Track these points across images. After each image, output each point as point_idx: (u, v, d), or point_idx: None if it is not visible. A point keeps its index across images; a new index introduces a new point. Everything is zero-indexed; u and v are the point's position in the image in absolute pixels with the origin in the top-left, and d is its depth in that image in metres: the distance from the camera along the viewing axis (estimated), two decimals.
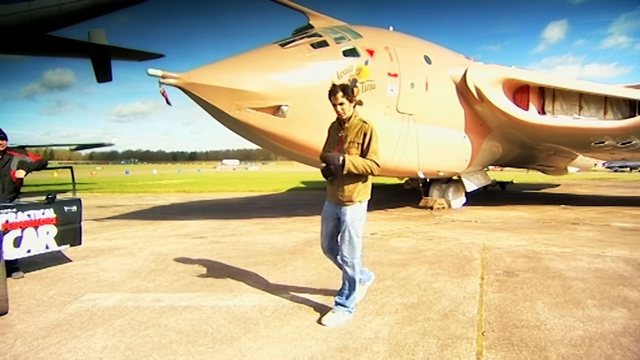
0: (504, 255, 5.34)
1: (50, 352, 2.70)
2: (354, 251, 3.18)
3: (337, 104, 3.11)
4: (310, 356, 2.64)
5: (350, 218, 3.16)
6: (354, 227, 3.17)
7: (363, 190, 3.22)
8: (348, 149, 3.12)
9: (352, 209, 3.18)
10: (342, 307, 3.20)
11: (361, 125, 3.14)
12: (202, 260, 5.18)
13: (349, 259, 3.17)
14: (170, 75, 5.75)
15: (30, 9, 7.56)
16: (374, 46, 7.28)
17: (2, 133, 4.42)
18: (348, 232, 3.15)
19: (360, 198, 3.20)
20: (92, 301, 3.67)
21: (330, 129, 3.37)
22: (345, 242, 3.17)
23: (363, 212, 3.26)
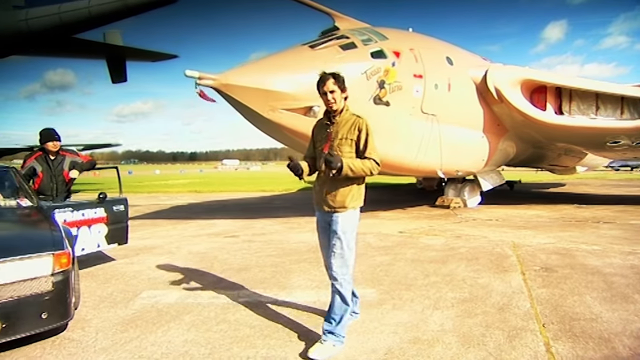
0: (536, 252, 5.47)
1: (134, 345, 2.81)
2: (345, 265, 2.76)
3: (328, 92, 2.74)
4: (387, 347, 2.76)
5: (342, 227, 2.75)
6: (346, 237, 2.76)
7: (357, 194, 2.83)
8: (339, 146, 2.75)
9: (344, 217, 2.77)
10: (331, 336, 2.71)
11: (354, 119, 2.78)
12: (243, 258, 5.29)
13: (339, 275, 2.73)
14: (207, 77, 5.86)
15: (60, 11, 7.63)
16: (399, 48, 7.41)
17: (57, 134, 4.52)
18: (339, 243, 2.75)
19: (354, 204, 2.80)
20: (152, 298, 3.78)
21: (314, 128, 2.99)
22: (335, 255, 2.74)
23: (357, 220, 2.86)
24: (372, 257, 5.29)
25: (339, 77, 2.80)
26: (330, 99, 2.75)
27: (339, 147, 2.75)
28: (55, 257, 2.79)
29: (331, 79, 2.74)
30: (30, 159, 4.51)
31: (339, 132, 2.76)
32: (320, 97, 2.81)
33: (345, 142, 2.75)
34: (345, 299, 2.76)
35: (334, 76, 2.77)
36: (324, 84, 2.75)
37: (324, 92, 2.76)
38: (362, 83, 6.77)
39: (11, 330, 2.56)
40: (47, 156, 4.52)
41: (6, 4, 8.00)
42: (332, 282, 2.77)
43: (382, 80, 7.03)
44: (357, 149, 2.77)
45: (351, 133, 2.75)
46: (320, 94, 2.80)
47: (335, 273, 2.74)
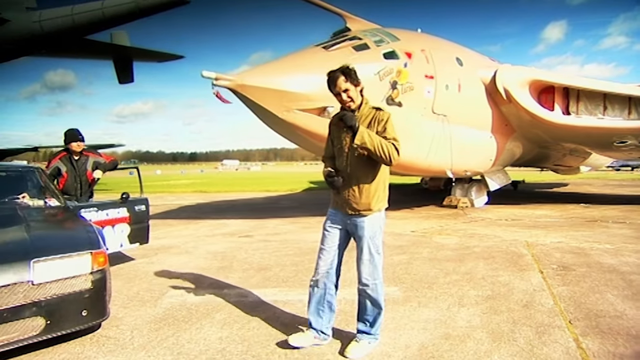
0: (550, 251, 5.53)
1: (171, 343, 2.86)
2: (377, 271, 2.61)
3: (342, 92, 2.51)
4: (420, 343, 2.82)
5: (370, 232, 2.57)
6: (375, 242, 2.60)
7: (383, 194, 2.65)
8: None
9: (371, 221, 2.58)
10: (366, 335, 2.67)
11: (375, 113, 2.57)
12: (262, 258, 5.34)
13: (370, 281, 2.60)
14: (223, 78, 5.91)
15: (73, 13, 7.68)
16: (411, 49, 7.48)
17: (80, 135, 4.57)
18: (368, 249, 2.57)
19: (379, 205, 2.62)
20: (179, 297, 3.83)
21: (331, 124, 2.76)
22: (365, 262, 2.58)
23: (383, 223, 2.69)
24: (390, 256, 5.33)
25: (350, 71, 2.53)
26: (345, 98, 2.53)
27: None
28: (93, 255, 2.85)
29: (341, 77, 2.50)
30: (55, 159, 4.56)
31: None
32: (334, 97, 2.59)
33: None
34: (378, 302, 2.64)
35: (344, 72, 2.51)
36: (335, 84, 2.52)
37: (336, 92, 2.54)
38: (375, 84, 6.83)
39: (55, 327, 2.61)
40: (71, 156, 4.57)
41: (19, 6, 8.05)
42: (362, 288, 2.63)
43: (394, 81, 7.09)
44: None
45: (373, 127, 2.54)
46: (333, 94, 2.58)
47: (367, 280, 2.60)
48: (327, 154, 2.82)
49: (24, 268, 2.53)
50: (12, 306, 2.45)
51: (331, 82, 2.55)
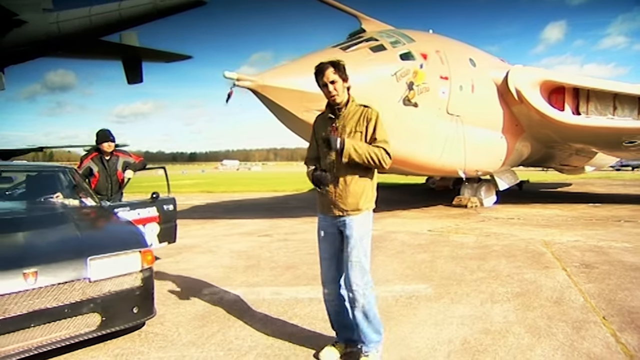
0: (569, 249, 5.62)
1: (219, 339, 2.93)
2: (366, 275, 2.47)
3: (328, 83, 2.41)
4: (463, 337, 2.90)
5: (358, 233, 2.45)
6: (363, 244, 2.48)
7: (371, 194, 2.54)
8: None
9: (359, 221, 2.47)
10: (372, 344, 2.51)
11: (362, 110, 2.48)
12: (286, 256, 5.41)
13: (360, 287, 2.43)
14: (245, 78, 5.98)
15: (91, 14, 7.73)
16: (426, 50, 7.56)
17: (111, 135, 4.63)
18: (356, 251, 2.44)
19: (367, 205, 2.51)
20: (214, 295, 3.90)
21: (315, 124, 2.67)
22: (353, 265, 2.44)
23: (371, 223, 2.57)
24: (412, 255, 5.42)
25: (339, 65, 2.47)
26: (331, 89, 2.43)
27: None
28: (142, 254, 2.92)
29: (330, 68, 2.43)
30: (87, 159, 4.62)
31: (347, 126, 2.46)
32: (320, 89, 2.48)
33: (355, 137, 2.45)
34: (370, 310, 2.46)
35: (333, 65, 2.46)
36: (323, 74, 2.44)
37: (323, 83, 2.45)
38: (392, 84, 6.91)
39: (109, 324, 2.68)
40: (102, 156, 4.64)
41: (36, 7, 8.10)
42: (352, 296, 2.45)
43: (410, 81, 7.17)
44: (366, 141, 2.45)
45: (360, 125, 2.45)
46: (319, 86, 2.49)
47: (357, 285, 2.43)
48: (310, 154, 2.70)
49: (81, 265, 2.60)
50: (72, 302, 2.52)
51: (319, 72, 2.47)
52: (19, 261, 2.43)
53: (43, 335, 2.43)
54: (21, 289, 2.35)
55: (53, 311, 2.45)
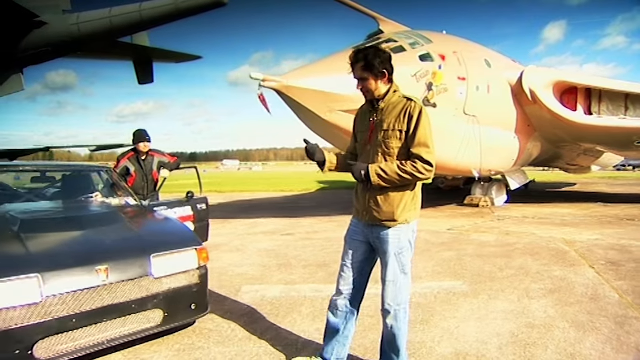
0: (591, 248, 5.71)
1: (273, 334, 3.01)
2: (401, 295, 2.21)
3: (359, 79, 2.16)
4: (510, 332, 2.99)
5: (395, 247, 2.17)
6: (401, 260, 2.18)
7: (412, 203, 2.20)
8: (385, 140, 2.13)
9: (396, 233, 2.16)
10: None
11: (405, 103, 2.13)
12: (315, 255, 5.48)
13: (392, 307, 2.19)
14: (270, 79, 6.06)
15: (111, 15, 7.76)
16: (444, 51, 7.65)
17: (148, 136, 4.71)
18: (392, 268, 2.18)
19: (407, 215, 2.17)
20: (256, 292, 3.97)
21: (357, 115, 2.39)
22: (388, 283, 2.19)
23: (413, 237, 2.25)
24: (438, 253, 5.51)
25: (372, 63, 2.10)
26: (361, 87, 2.17)
27: (385, 142, 2.13)
28: (198, 251, 3.00)
29: (361, 62, 2.11)
30: (124, 159, 4.70)
31: (384, 122, 2.14)
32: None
33: (393, 135, 2.12)
34: (399, 335, 2.22)
35: (366, 59, 2.10)
36: (353, 68, 2.17)
37: (356, 77, 2.18)
38: (413, 85, 6.99)
39: (171, 319, 2.76)
40: (138, 156, 4.71)
41: (56, 9, 8.14)
42: (384, 316, 2.24)
43: (430, 82, 7.27)
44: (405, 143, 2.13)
45: (400, 122, 2.11)
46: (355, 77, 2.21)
47: (388, 306, 2.19)
48: (349, 149, 2.45)
49: (145, 263, 2.68)
50: (138, 298, 2.60)
51: (352, 64, 2.18)
52: (91, 258, 2.51)
53: (113, 330, 2.51)
54: (94, 284, 2.43)
55: (122, 306, 2.52)
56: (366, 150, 2.22)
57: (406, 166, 2.08)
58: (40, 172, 4.31)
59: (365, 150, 2.23)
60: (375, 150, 2.17)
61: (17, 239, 2.58)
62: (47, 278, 2.29)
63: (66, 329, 2.32)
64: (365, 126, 2.25)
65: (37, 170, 4.37)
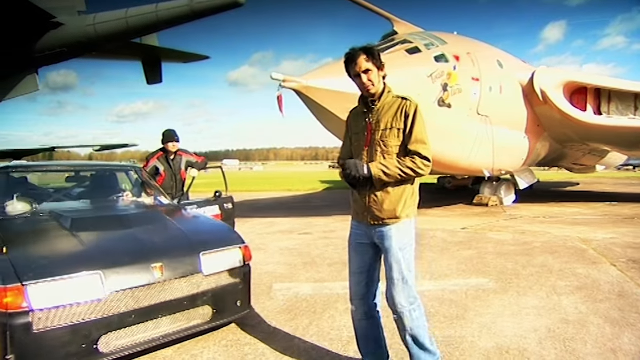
0: (609, 246, 5.80)
1: (315, 330, 3.08)
2: (412, 291, 2.16)
3: (361, 73, 2.14)
4: (546, 327, 3.07)
5: (398, 243, 2.16)
6: (405, 256, 2.17)
7: (411, 200, 2.22)
8: (383, 139, 2.16)
9: (399, 230, 2.17)
10: None
11: (400, 103, 2.18)
12: (337, 253, 5.54)
13: (406, 307, 2.14)
14: (290, 80, 6.13)
15: (127, 16, 7.80)
16: (458, 52, 7.74)
17: (177, 136, 4.78)
18: (397, 265, 2.15)
19: (408, 212, 2.20)
20: (288, 290, 4.04)
21: (349, 119, 2.42)
22: (395, 282, 2.15)
23: (413, 233, 2.25)
24: (458, 251, 5.59)
25: (373, 51, 2.19)
26: (365, 81, 2.16)
27: (383, 141, 2.16)
28: (242, 249, 3.07)
29: (363, 56, 2.15)
30: (153, 158, 4.77)
31: (381, 121, 2.18)
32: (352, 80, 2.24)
33: (391, 133, 2.16)
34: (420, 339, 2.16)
35: (365, 51, 2.17)
36: (355, 63, 2.16)
37: (356, 73, 2.18)
38: (428, 86, 7.08)
39: (219, 316, 2.83)
40: (167, 156, 4.78)
41: (71, 10, 8.19)
42: (398, 319, 2.18)
43: (445, 83, 7.35)
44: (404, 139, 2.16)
45: (397, 121, 2.16)
46: (352, 77, 2.24)
47: (402, 306, 2.13)
48: (344, 154, 2.40)
49: (195, 260, 2.75)
50: (189, 295, 2.67)
51: (350, 60, 2.19)
52: (146, 256, 2.58)
53: (167, 326, 2.57)
54: (150, 281, 2.49)
55: (175, 303, 2.59)
56: (365, 151, 2.22)
57: (406, 161, 2.12)
58: (75, 172, 4.37)
59: (364, 151, 2.22)
60: (374, 149, 2.19)
61: (73, 238, 2.64)
62: (108, 275, 2.36)
63: (126, 324, 2.39)
64: (360, 128, 2.27)
65: (69, 170, 4.42)
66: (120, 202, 3.86)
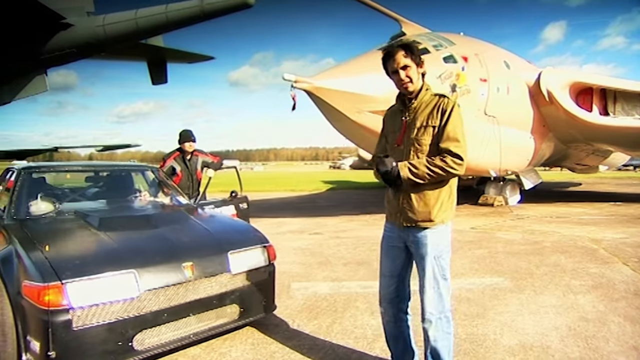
0: (619, 245, 5.84)
1: (340, 329, 3.12)
2: (442, 301, 2.10)
3: (400, 69, 2.08)
4: (567, 325, 3.11)
5: (433, 251, 2.08)
6: (440, 263, 2.10)
7: (448, 202, 2.13)
8: (418, 138, 2.09)
9: (434, 235, 2.09)
10: None
11: (437, 100, 2.12)
12: (350, 253, 5.60)
13: (434, 316, 2.09)
14: (302, 80, 6.18)
15: (137, 17, 7.83)
16: (466, 53, 7.78)
17: (193, 136, 4.81)
18: (431, 274, 2.09)
19: (444, 215, 2.11)
20: (306, 289, 4.08)
21: (385, 117, 2.38)
22: (427, 290, 2.10)
23: (449, 238, 2.17)
24: (470, 251, 5.63)
25: (412, 47, 2.12)
26: (403, 77, 2.09)
27: (417, 140, 2.09)
28: (267, 249, 3.10)
29: (401, 52, 2.08)
30: (170, 158, 4.81)
31: (417, 120, 2.11)
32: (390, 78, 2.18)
33: (426, 132, 2.09)
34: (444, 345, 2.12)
35: (404, 47, 2.10)
36: (393, 59, 2.10)
37: (393, 69, 2.12)
38: (437, 87, 7.11)
39: (246, 315, 2.87)
40: (184, 156, 4.82)
41: (80, 10, 8.23)
42: (425, 326, 2.13)
43: (454, 84, 7.40)
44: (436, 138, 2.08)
45: (433, 118, 2.08)
46: (389, 73, 2.17)
47: (430, 314, 2.09)
48: (378, 151, 2.34)
49: (224, 259, 2.79)
50: (218, 294, 2.70)
51: (389, 56, 2.13)
52: (176, 255, 2.62)
53: (197, 324, 2.61)
54: (181, 280, 2.53)
55: (205, 301, 2.63)
56: (398, 150, 2.17)
57: (435, 160, 2.03)
58: (94, 172, 4.40)
59: (398, 150, 2.17)
60: (407, 148, 2.13)
61: (104, 237, 2.68)
62: (142, 274, 2.39)
63: (158, 322, 2.42)
64: (396, 126, 2.21)
65: (88, 170, 4.46)
66: (140, 201, 3.90)
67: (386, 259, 2.30)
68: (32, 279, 2.17)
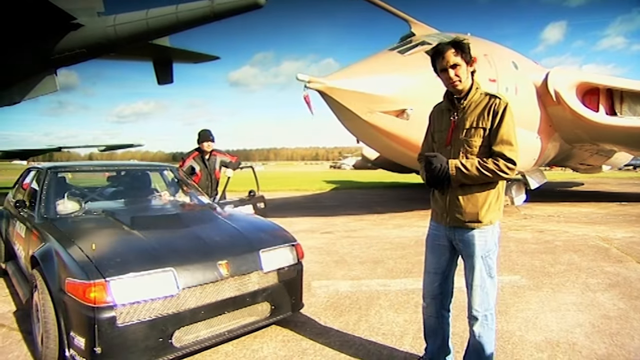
0: (631, 244, 5.90)
1: (366, 326, 3.16)
2: (488, 299, 2.14)
3: (448, 68, 2.08)
4: (590, 322, 3.16)
5: (480, 251, 2.10)
6: (488, 262, 2.13)
7: (496, 203, 2.14)
8: (468, 139, 2.08)
9: (481, 235, 2.11)
10: None
11: (489, 100, 2.10)
12: (364, 252, 5.64)
13: (480, 313, 2.12)
14: (316, 81, 6.21)
15: (147, 17, 7.87)
16: (476, 53, 7.65)
17: (212, 136, 4.85)
18: (479, 272, 2.11)
19: (491, 216, 2.13)
20: (328, 287, 4.12)
21: (432, 115, 2.33)
22: (474, 289, 2.13)
23: (497, 239, 2.19)
24: None
25: (462, 45, 2.12)
26: (452, 76, 2.09)
27: (467, 141, 2.08)
28: (296, 248, 3.14)
29: (451, 50, 2.09)
30: (189, 158, 4.85)
31: (467, 120, 2.09)
32: (438, 76, 2.18)
33: (476, 133, 2.07)
34: (488, 343, 2.14)
35: (455, 45, 2.10)
36: (443, 57, 2.10)
37: (442, 68, 2.11)
38: None
39: (276, 312, 2.91)
40: (202, 156, 4.86)
41: (90, 11, 8.26)
42: (471, 323, 2.17)
43: None
44: (487, 141, 2.07)
45: (484, 120, 2.06)
46: (437, 71, 2.16)
47: (476, 312, 2.12)
48: (425, 149, 2.35)
49: (255, 258, 2.83)
50: (251, 291, 2.74)
51: (438, 54, 2.13)
52: (211, 253, 2.66)
53: (231, 322, 2.65)
54: (217, 278, 2.57)
55: (239, 299, 2.67)
56: (446, 150, 2.16)
57: (487, 163, 2.01)
58: (116, 172, 4.43)
59: (445, 149, 2.17)
60: (456, 149, 2.12)
61: (138, 235, 2.71)
62: (180, 272, 2.43)
63: (196, 320, 2.46)
64: (444, 125, 2.19)
65: (109, 170, 4.49)
66: (163, 201, 3.93)
67: (431, 256, 2.31)
68: (76, 276, 2.21)
